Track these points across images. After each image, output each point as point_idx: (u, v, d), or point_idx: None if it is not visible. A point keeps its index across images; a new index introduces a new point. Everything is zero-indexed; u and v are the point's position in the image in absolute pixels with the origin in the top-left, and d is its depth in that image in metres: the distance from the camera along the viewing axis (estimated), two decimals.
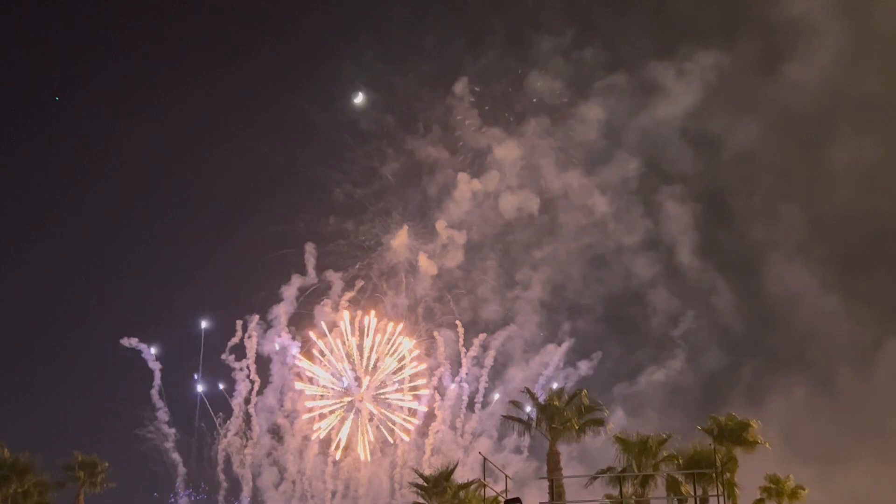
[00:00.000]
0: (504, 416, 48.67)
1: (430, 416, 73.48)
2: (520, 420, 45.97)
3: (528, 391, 47.55)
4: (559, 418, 44.42)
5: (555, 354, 73.76)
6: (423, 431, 73.26)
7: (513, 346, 74.69)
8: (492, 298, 75.17)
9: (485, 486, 34.78)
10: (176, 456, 71.39)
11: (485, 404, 73.12)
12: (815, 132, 75.15)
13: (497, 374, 74.32)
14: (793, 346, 73.56)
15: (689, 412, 66.22)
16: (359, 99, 78.01)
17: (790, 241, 74.34)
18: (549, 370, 73.27)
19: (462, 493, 46.19)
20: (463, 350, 74.03)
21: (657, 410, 70.63)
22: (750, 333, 74.99)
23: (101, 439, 67.32)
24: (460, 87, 76.87)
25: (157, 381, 71.66)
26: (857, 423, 68.74)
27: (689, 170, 76.13)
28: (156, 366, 71.85)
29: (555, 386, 66.45)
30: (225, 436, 71.78)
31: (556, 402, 45.19)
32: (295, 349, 73.61)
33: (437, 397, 73.75)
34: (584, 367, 73.43)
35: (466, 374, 73.69)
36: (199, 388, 73.13)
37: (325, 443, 73.31)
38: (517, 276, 76.27)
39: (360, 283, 75.20)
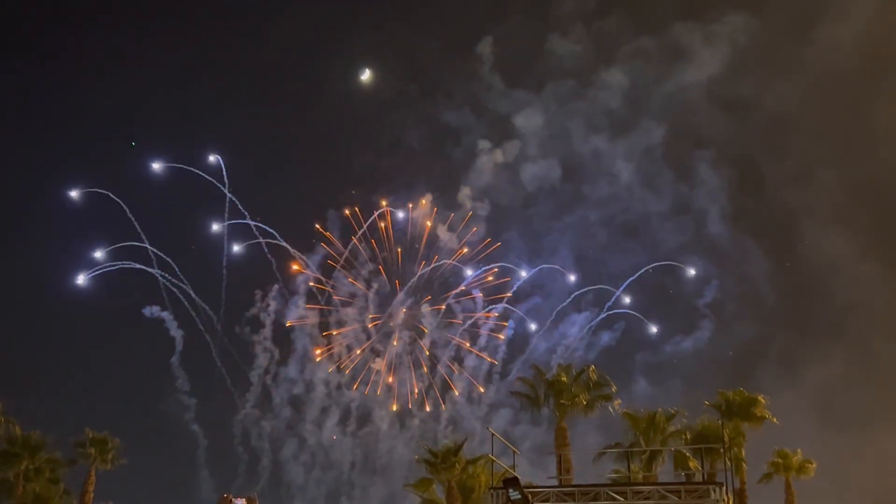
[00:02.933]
0: (512, 393, 48.66)
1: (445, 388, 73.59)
2: (527, 396, 45.91)
3: (536, 368, 47.38)
4: (567, 394, 44.34)
5: (578, 324, 73.25)
6: (438, 402, 73.38)
7: (536, 315, 74.26)
8: (515, 268, 74.54)
9: (493, 461, 34.73)
10: (197, 428, 71.49)
11: (504, 375, 72.73)
12: (854, 94, 73.30)
13: (519, 344, 74.06)
14: (830, 316, 72.06)
15: (719, 382, 64.98)
16: (365, 75, 77.55)
17: (827, 207, 72.67)
18: (572, 340, 72.91)
19: (471, 469, 46.37)
20: (482, 320, 73.80)
21: (685, 381, 70.05)
22: (784, 302, 73.74)
23: (119, 413, 67.60)
24: (483, 46, 76.09)
25: (180, 347, 71.61)
26: None
27: (720, 135, 74.54)
28: (178, 333, 71.70)
29: (578, 354, 66.49)
30: (244, 407, 72.10)
31: (564, 378, 45.07)
32: (313, 317, 73.60)
33: (456, 369, 73.72)
34: (608, 336, 73.12)
35: (485, 344, 73.45)
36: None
37: (345, 413, 73.73)
38: (542, 245, 75.71)
39: (383, 254, 75.25)
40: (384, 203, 75.01)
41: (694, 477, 40.85)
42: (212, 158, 72.87)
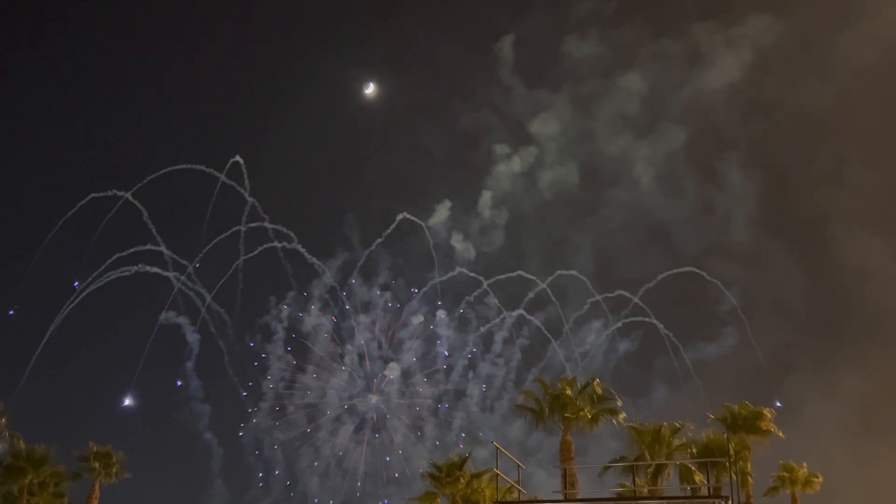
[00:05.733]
0: (517, 406, 48.39)
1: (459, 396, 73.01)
2: (532, 410, 45.72)
3: (541, 381, 47.17)
4: (571, 408, 44.17)
5: (596, 331, 72.64)
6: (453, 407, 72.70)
7: (553, 323, 73.45)
8: (535, 274, 73.64)
9: (498, 475, 34.69)
10: (210, 436, 70.87)
11: (519, 383, 71.93)
12: (886, 92, 71.51)
13: (536, 351, 73.44)
14: (864, 321, 70.04)
15: (746, 390, 65.29)
16: (370, 90, 77.77)
17: (859, 209, 71.14)
18: (591, 347, 72.30)
19: (475, 483, 46.17)
20: (497, 328, 73.29)
21: (708, 389, 69.05)
22: (815, 308, 71.85)
23: (129, 421, 67.15)
24: (504, 45, 75.97)
25: (195, 352, 71.25)
26: None
27: (745, 137, 73.52)
28: (193, 338, 71.38)
29: (597, 362, 66.01)
30: (255, 416, 71.61)
31: (569, 392, 44.89)
32: (328, 324, 72.99)
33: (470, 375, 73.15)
34: (627, 343, 72.49)
35: (500, 353, 72.92)
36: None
37: (360, 422, 73.37)
38: (561, 251, 75.19)
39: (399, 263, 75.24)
40: (403, 210, 74.89)
41: (699, 491, 40.72)
42: (234, 160, 72.58)
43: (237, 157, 72.46)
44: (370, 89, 78.00)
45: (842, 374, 65.25)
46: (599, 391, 45.19)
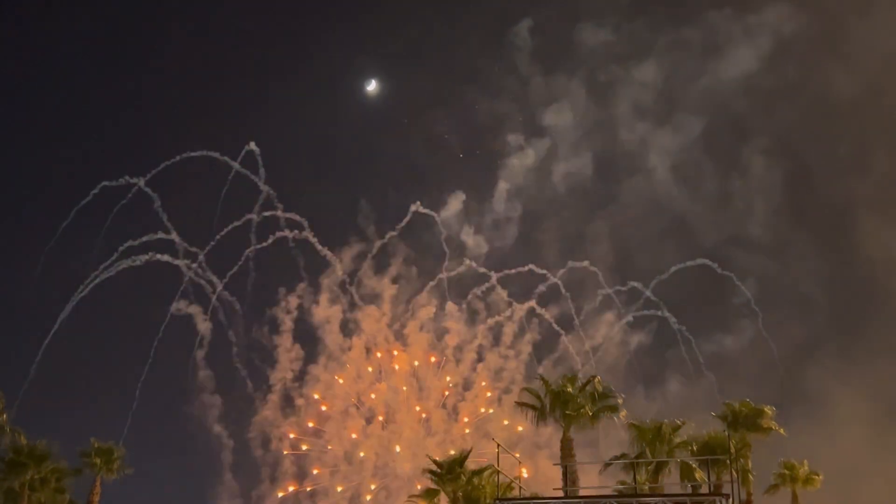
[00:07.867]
0: (517, 403, 48.40)
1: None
2: (533, 407, 45.75)
3: (542, 378, 47.17)
4: (572, 405, 44.16)
5: (608, 324, 72.06)
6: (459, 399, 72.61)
7: (567, 316, 72.93)
8: (549, 268, 72.90)
9: (498, 472, 34.80)
10: (220, 429, 70.12)
11: (530, 377, 70.70)
12: None
13: (550, 344, 72.99)
14: (890, 313, 67.95)
15: (765, 382, 63.40)
16: (371, 86, 77.73)
17: (884, 198, 69.43)
18: (603, 340, 71.88)
19: (476, 480, 46.27)
20: (506, 320, 73.07)
21: (724, 382, 67.73)
22: (839, 301, 70.08)
23: (136, 415, 66.65)
24: (520, 31, 75.18)
25: (208, 339, 70.86)
26: None
27: (766, 125, 72.07)
28: (206, 326, 70.75)
29: (611, 354, 65.92)
30: (262, 409, 71.29)
31: (569, 389, 44.87)
32: (338, 315, 72.77)
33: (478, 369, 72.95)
34: (642, 336, 71.82)
35: (511, 344, 72.67)
36: None
37: (369, 415, 73.13)
38: (576, 242, 74.20)
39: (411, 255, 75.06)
40: (417, 201, 74.72)
41: (700, 488, 40.73)
42: (248, 148, 72.10)
43: (252, 145, 72.06)
44: (372, 86, 78.16)
45: (865, 366, 63.98)
46: (600, 388, 45.18)
